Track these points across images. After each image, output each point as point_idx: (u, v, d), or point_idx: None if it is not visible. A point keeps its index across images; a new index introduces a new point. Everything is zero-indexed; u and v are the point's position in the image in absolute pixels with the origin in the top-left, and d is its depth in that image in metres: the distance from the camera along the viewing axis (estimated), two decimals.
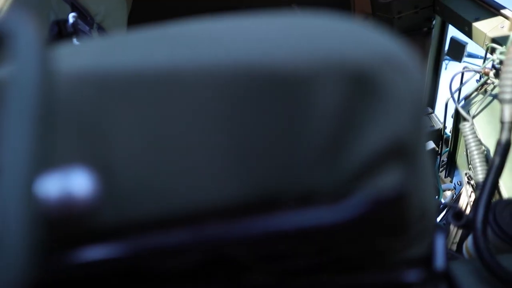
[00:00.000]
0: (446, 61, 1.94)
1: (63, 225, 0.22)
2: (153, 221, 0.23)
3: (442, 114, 1.20)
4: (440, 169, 1.33)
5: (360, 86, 0.23)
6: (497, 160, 0.68)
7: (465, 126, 0.83)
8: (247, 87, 0.22)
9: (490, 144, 0.89)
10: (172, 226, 0.23)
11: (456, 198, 1.16)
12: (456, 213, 0.80)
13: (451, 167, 1.20)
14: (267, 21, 0.27)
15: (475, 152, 0.81)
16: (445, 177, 1.40)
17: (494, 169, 0.68)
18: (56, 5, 0.92)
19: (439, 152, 1.24)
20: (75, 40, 0.86)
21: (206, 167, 0.22)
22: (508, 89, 0.68)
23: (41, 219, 0.19)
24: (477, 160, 0.80)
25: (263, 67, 0.22)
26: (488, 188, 0.68)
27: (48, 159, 0.20)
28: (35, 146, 0.18)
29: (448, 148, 1.15)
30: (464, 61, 1.81)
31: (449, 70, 1.96)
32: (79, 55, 0.26)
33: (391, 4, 1.53)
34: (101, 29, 1.06)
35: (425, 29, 1.60)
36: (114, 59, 0.24)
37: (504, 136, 0.67)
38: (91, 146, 0.22)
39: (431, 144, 1.13)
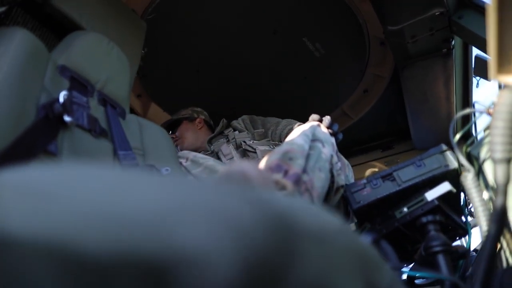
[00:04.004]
0: (477, 78, 1.80)
1: None
2: None
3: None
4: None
5: (153, 282, 0.20)
6: (492, 229, 0.59)
7: (467, 179, 0.74)
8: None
9: None
10: None
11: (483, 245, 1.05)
12: (452, 286, 0.71)
13: None
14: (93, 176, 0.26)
15: (480, 209, 0.72)
16: (473, 216, 1.28)
17: (491, 238, 0.60)
18: (50, 83, 0.94)
19: (461, 189, 1.14)
20: (66, 118, 0.89)
21: None
22: (498, 147, 0.59)
23: None
24: (482, 219, 0.71)
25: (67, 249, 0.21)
26: (484, 260, 0.60)
27: None
28: None
29: None
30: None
31: (482, 86, 1.81)
32: None
33: (403, 30, 1.45)
34: (102, 95, 1.08)
35: (444, 50, 1.50)
36: None
37: (499, 201, 0.59)
38: None
39: (446, 186, 1.02)
